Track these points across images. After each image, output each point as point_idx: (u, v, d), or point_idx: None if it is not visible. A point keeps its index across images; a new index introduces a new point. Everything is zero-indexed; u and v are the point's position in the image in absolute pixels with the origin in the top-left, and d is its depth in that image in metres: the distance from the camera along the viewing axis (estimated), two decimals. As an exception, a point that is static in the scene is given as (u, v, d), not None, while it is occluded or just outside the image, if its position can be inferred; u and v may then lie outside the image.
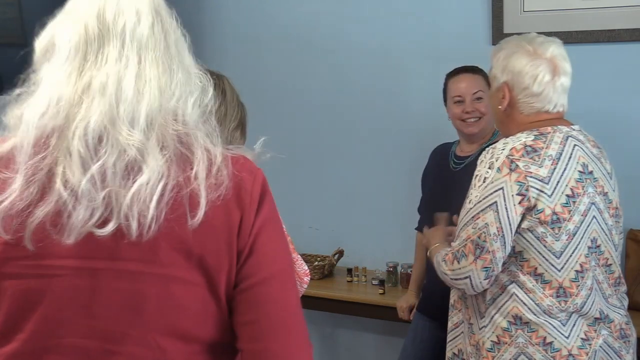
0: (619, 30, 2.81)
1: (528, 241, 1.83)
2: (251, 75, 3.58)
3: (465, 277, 1.85)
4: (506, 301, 1.87)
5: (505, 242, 1.82)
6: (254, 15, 3.54)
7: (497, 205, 1.80)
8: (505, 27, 2.97)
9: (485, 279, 1.85)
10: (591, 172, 1.88)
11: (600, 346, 1.89)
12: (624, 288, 2.01)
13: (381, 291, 3.06)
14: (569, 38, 2.84)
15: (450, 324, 2.07)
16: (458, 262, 1.86)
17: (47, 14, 4.29)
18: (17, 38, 3.91)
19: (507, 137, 1.94)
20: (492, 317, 1.89)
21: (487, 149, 1.90)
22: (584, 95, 2.79)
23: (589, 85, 2.83)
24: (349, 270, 3.24)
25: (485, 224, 1.81)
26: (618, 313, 1.95)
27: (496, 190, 1.81)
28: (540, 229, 1.81)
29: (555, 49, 1.93)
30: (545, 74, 1.89)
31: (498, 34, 2.96)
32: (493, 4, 3.00)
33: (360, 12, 3.30)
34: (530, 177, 1.80)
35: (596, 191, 1.88)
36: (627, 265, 2.77)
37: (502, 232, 1.81)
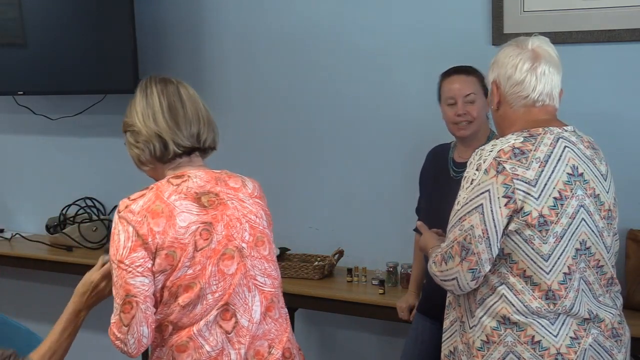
0: (619, 30, 2.81)
1: (516, 244, 1.84)
2: (251, 75, 3.58)
3: (453, 279, 1.88)
4: (495, 302, 1.88)
5: (490, 244, 1.83)
6: (253, 16, 3.54)
7: (482, 207, 1.82)
8: (505, 27, 2.97)
9: (472, 280, 1.87)
10: (581, 174, 1.88)
11: (590, 345, 1.89)
12: (617, 288, 2.01)
13: (381, 291, 3.06)
14: (569, 38, 2.84)
15: (446, 323, 2.07)
16: (446, 263, 1.88)
17: (47, 14, 4.36)
18: (17, 38, 3.91)
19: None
20: (481, 317, 1.90)
21: (476, 150, 1.91)
22: (584, 95, 2.80)
23: (589, 85, 2.83)
24: (349, 270, 3.24)
25: (471, 226, 1.83)
26: (610, 312, 1.95)
27: (482, 193, 1.82)
28: (527, 232, 1.82)
29: (538, 41, 1.97)
30: (525, 62, 1.93)
31: (498, 34, 2.96)
32: (493, 4, 2.99)
33: (359, 12, 3.30)
34: (517, 179, 1.81)
35: (586, 193, 1.88)
36: (627, 265, 2.77)
37: (487, 234, 1.82)
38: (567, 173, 1.86)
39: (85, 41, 3.71)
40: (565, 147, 1.88)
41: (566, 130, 1.92)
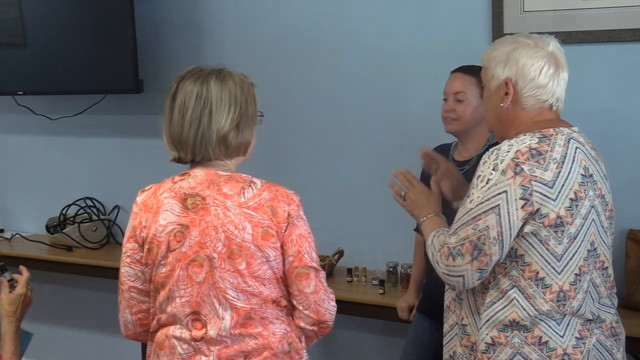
0: (619, 30, 2.81)
1: (531, 244, 1.82)
2: (251, 75, 3.57)
3: (459, 276, 1.85)
4: (505, 306, 1.86)
5: (503, 247, 1.81)
6: (254, 16, 3.54)
7: (499, 208, 1.79)
8: (505, 27, 2.97)
9: (477, 279, 1.85)
10: (591, 175, 1.88)
11: (594, 345, 1.89)
12: (615, 289, 2.01)
13: (381, 291, 3.06)
14: (569, 38, 2.84)
15: (446, 327, 2.06)
16: (454, 259, 1.85)
17: (47, 14, 4.36)
18: (17, 38, 3.91)
19: (503, 138, 1.93)
20: (488, 320, 1.88)
21: (491, 149, 1.88)
22: (584, 95, 2.80)
23: (589, 85, 2.83)
24: (349, 270, 3.24)
25: (486, 226, 1.80)
26: (609, 313, 1.95)
27: (499, 193, 1.80)
28: (543, 233, 1.80)
29: (555, 44, 1.94)
30: (550, 66, 1.90)
31: (498, 34, 2.96)
32: (493, 4, 3.00)
33: (360, 12, 3.30)
34: (535, 181, 1.79)
35: (595, 194, 1.88)
36: (627, 265, 2.77)
37: (502, 236, 1.80)
38: (581, 174, 1.85)
39: (85, 41, 3.71)
40: (576, 147, 1.87)
41: (574, 131, 1.91)
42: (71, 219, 3.91)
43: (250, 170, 2.00)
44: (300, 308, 1.89)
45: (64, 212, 3.95)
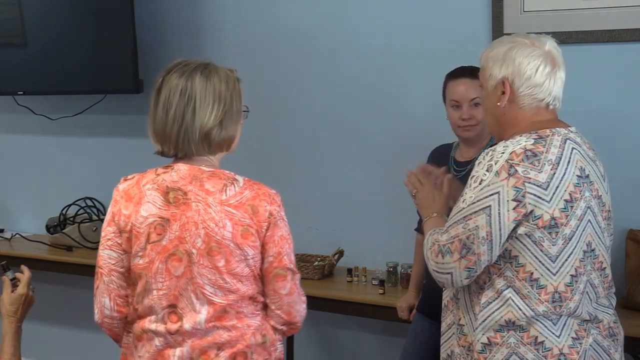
0: (619, 30, 2.81)
1: (525, 245, 1.82)
2: (251, 75, 3.55)
3: (448, 273, 1.86)
4: (501, 306, 1.86)
5: (492, 247, 1.81)
6: (253, 16, 3.54)
7: (490, 209, 1.80)
8: (505, 27, 2.97)
9: (466, 278, 1.86)
10: (588, 176, 1.88)
11: (591, 345, 1.89)
12: (613, 289, 2.01)
13: (381, 291, 3.06)
14: (569, 38, 2.84)
15: (443, 326, 2.06)
16: (443, 256, 1.86)
17: (47, 14, 4.35)
18: (17, 38, 3.91)
19: (500, 139, 1.93)
20: (484, 320, 1.88)
21: (486, 150, 1.88)
22: (584, 95, 2.81)
23: (589, 85, 2.83)
24: (349, 270, 3.24)
25: (476, 226, 1.81)
26: (607, 313, 1.95)
27: (491, 194, 1.80)
28: (537, 234, 1.81)
29: (552, 44, 1.94)
30: (546, 65, 1.90)
31: (498, 34, 2.96)
32: (493, 4, 3.00)
33: (360, 12, 3.30)
34: (529, 183, 1.79)
35: (592, 195, 1.88)
36: (627, 265, 2.77)
37: (491, 236, 1.80)
38: (577, 175, 1.85)
39: (85, 41, 3.71)
40: (572, 148, 1.87)
41: (571, 132, 1.91)
42: (71, 219, 3.91)
43: (249, 170, 2.00)
44: (273, 307, 1.92)
45: (64, 212, 3.95)
